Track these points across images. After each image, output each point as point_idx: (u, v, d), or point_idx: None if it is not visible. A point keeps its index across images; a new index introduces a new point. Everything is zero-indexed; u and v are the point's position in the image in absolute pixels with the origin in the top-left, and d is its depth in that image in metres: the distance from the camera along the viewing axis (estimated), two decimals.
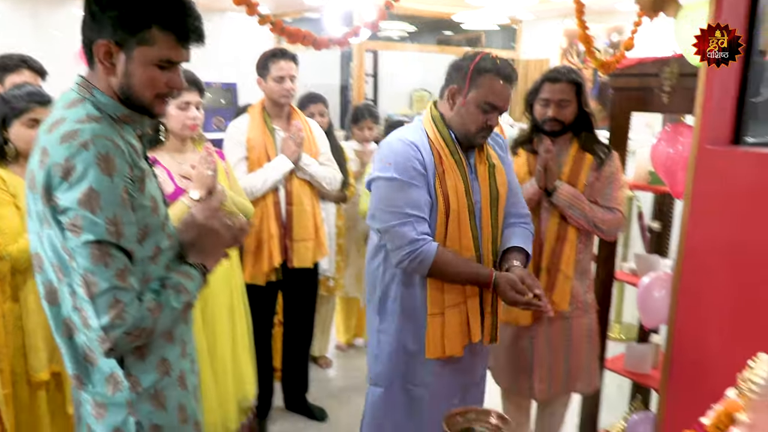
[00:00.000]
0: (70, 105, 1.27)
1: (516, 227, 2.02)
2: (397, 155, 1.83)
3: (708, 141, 1.84)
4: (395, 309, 1.94)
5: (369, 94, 6.94)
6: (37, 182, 1.21)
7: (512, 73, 1.85)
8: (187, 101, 2.27)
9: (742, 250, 1.77)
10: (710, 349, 1.83)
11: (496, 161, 1.98)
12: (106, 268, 1.19)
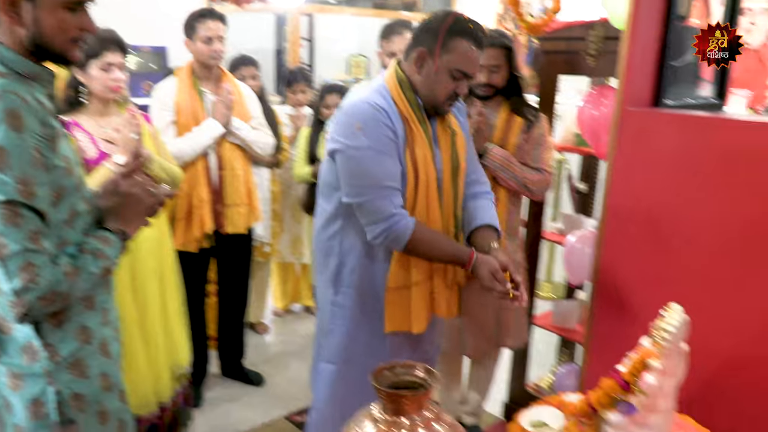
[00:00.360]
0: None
1: (480, 199, 1.96)
2: (366, 120, 1.71)
3: (630, 103, 1.90)
4: (353, 281, 1.86)
5: (305, 59, 6.81)
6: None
7: (484, 38, 1.76)
8: (109, 62, 2.18)
9: (661, 208, 1.85)
10: (629, 303, 1.92)
11: (457, 129, 1.90)
12: (17, 229, 1.14)
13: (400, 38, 2.67)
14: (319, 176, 1.91)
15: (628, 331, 1.91)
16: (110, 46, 2.17)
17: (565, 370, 2.68)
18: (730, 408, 1.73)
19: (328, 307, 1.92)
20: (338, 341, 1.91)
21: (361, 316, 1.88)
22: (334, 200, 1.84)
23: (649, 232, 1.87)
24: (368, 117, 1.71)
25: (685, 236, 1.79)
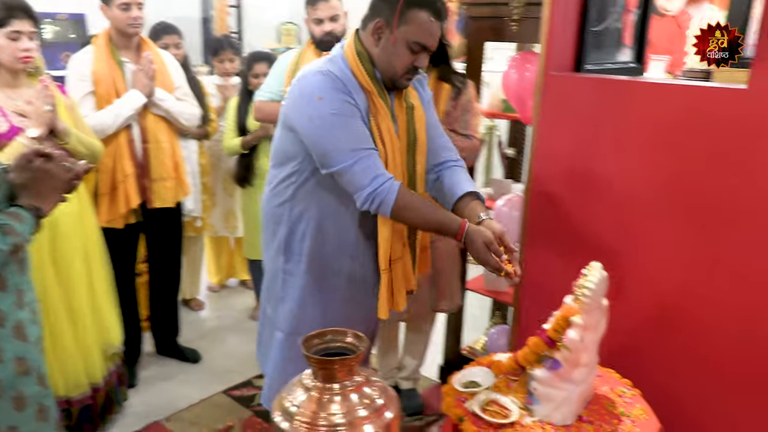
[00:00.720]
0: None
1: (453, 169, 1.91)
2: (324, 90, 1.66)
3: (552, 68, 1.94)
4: (303, 249, 1.84)
5: (233, 27, 6.61)
6: None
7: (443, 8, 1.71)
8: (17, 30, 2.05)
9: (583, 170, 1.91)
10: (555, 264, 1.98)
11: (415, 101, 1.86)
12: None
13: (326, 4, 2.62)
14: (272, 144, 1.87)
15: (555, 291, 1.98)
16: (17, 14, 2.05)
17: (496, 332, 2.75)
18: (650, 359, 1.83)
19: (279, 275, 1.89)
20: (290, 309, 1.89)
21: (313, 285, 1.86)
22: (287, 168, 1.81)
23: (572, 193, 1.93)
24: (326, 86, 1.67)
25: (606, 196, 1.86)
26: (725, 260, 1.64)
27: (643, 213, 1.78)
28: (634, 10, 2.46)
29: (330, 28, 2.63)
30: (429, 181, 1.95)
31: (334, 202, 1.80)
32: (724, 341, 1.67)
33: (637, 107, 1.76)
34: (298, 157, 1.78)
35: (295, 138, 1.76)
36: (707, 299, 1.69)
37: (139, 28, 2.64)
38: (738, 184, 1.59)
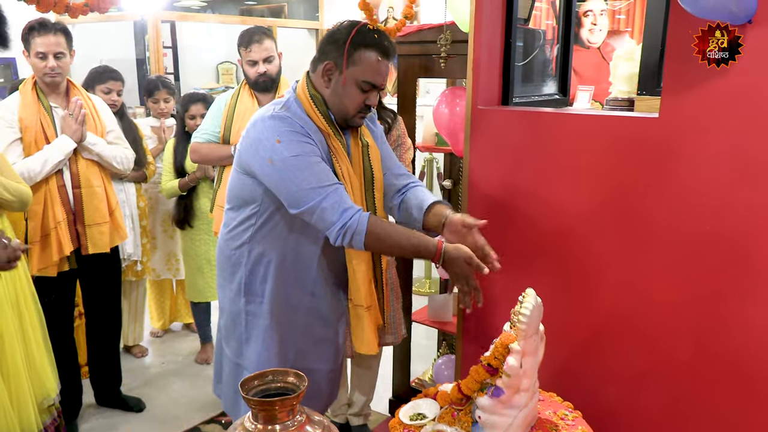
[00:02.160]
0: None
1: (414, 189, 1.96)
2: (282, 133, 1.67)
3: (480, 102, 2.01)
4: (265, 290, 1.84)
5: (170, 68, 6.57)
6: None
7: (390, 47, 1.75)
8: None
9: (515, 199, 1.97)
10: (495, 292, 2.02)
11: (369, 139, 1.89)
12: None
13: (260, 46, 2.65)
14: (228, 187, 1.87)
15: (495, 319, 2.02)
16: None
17: (443, 362, 2.77)
18: (589, 380, 1.88)
19: (242, 315, 1.89)
20: (256, 349, 1.88)
21: (277, 324, 1.86)
22: (245, 212, 1.82)
23: (506, 222, 1.99)
24: (281, 129, 1.68)
25: (539, 224, 1.92)
26: (653, 276, 1.72)
27: (575, 236, 1.85)
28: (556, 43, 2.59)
29: (264, 70, 2.66)
30: (395, 208, 1.98)
31: (293, 242, 1.82)
32: (660, 355, 1.73)
33: (561, 137, 1.84)
34: (257, 200, 1.79)
35: (254, 182, 1.76)
36: (640, 315, 1.76)
37: (57, 78, 2.59)
38: (656, 204, 1.67)
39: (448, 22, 2.22)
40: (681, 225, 1.64)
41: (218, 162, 2.79)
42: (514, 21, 2.05)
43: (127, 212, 3.10)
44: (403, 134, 2.38)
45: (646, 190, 1.69)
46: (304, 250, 1.83)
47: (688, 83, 1.58)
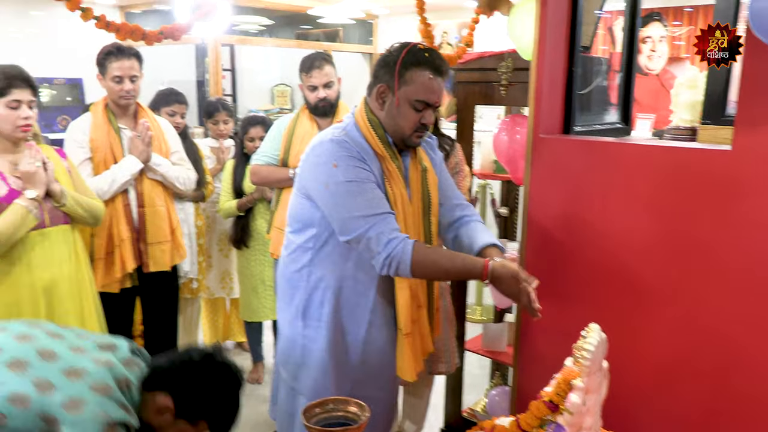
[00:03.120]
0: None
1: (471, 223, 1.95)
2: (339, 157, 1.69)
3: (541, 131, 1.99)
4: (322, 315, 1.84)
5: (227, 90, 6.75)
6: None
7: (443, 64, 1.75)
8: (17, 99, 2.10)
9: (577, 229, 1.93)
10: (554, 323, 1.98)
11: (427, 164, 1.90)
12: None
13: (320, 72, 2.70)
14: (289, 210, 1.90)
15: (555, 351, 1.97)
16: (17, 83, 2.10)
17: (497, 393, 2.72)
18: (653, 419, 1.81)
19: (298, 340, 1.90)
20: (312, 375, 1.88)
21: (333, 351, 1.86)
22: (305, 235, 1.84)
23: (566, 253, 1.95)
24: (339, 153, 1.70)
25: (600, 255, 1.87)
26: (718, 313, 1.65)
27: (637, 270, 1.80)
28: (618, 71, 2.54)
29: (324, 95, 2.70)
30: (448, 240, 1.98)
31: (351, 269, 1.82)
32: (728, 395, 1.66)
33: (624, 168, 1.80)
34: (315, 224, 1.80)
35: (312, 205, 1.79)
36: (705, 354, 1.69)
37: (131, 100, 2.70)
38: (724, 240, 1.61)
39: (509, 49, 2.21)
40: (750, 263, 1.58)
41: (276, 184, 2.84)
42: (576, 49, 2.03)
43: (186, 231, 3.17)
44: (461, 161, 2.37)
45: (713, 224, 1.63)
46: (362, 277, 1.83)
47: (764, 115, 1.52)
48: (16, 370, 1.21)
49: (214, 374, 1.39)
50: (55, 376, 1.24)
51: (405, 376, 1.90)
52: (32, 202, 2.09)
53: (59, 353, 1.29)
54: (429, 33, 2.29)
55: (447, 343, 2.43)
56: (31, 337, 1.30)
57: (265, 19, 7.04)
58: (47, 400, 1.22)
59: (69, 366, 1.26)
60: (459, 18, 5.95)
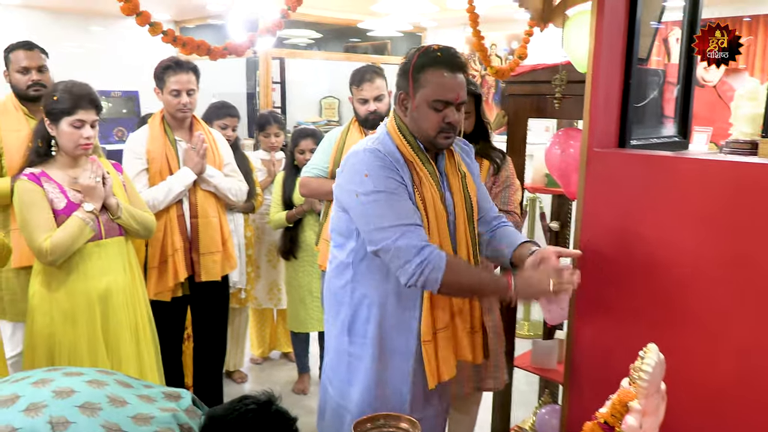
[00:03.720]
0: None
1: (504, 228, 1.96)
2: (371, 167, 1.70)
3: (596, 144, 1.95)
4: (368, 331, 1.83)
5: (277, 102, 6.86)
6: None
7: (457, 59, 1.72)
8: (81, 119, 2.17)
9: (632, 246, 1.88)
10: (607, 342, 1.93)
11: (466, 171, 1.91)
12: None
13: (371, 85, 2.71)
14: (330, 224, 1.91)
15: (608, 371, 1.92)
16: (83, 104, 2.17)
17: (547, 412, 2.67)
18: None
19: (344, 357, 1.89)
20: (358, 391, 1.86)
21: (380, 367, 1.84)
22: (346, 250, 1.83)
23: (621, 270, 1.90)
24: (372, 163, 1.70)
25: (658, 272, 1.82)
26: None
27: (697, 289, 1.74)
28: (675, 82, 2.48)
29: (374, 108, 2.72)
30: (482, 243, 1.96)
31: (393, 284, 1.79)
32: None
33: (684, 183, 1.75)
34: (353, 236, 1.80)
35: (348, 218, 1.79)
36: None
37: (188, 113, 2.77)
38: None
39: (563, 62, 2.18)
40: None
41: (326, 197, 2.86)
42: (634, 61, 1.99)
43: (235, 241, 3.22)
44: (512, 175, 2.34)
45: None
46: (405, 292, 1.80)
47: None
48: (88, 414, 1.24)
49: (269, 424, 1.39)
50: (124, 421, 1.27)
51: (429, 384, 1.85)
52: (89, 215, 2.16)
53: (128, 400, 1.31)
54: (482, 46, 2.28)
55: (496, 358, 2.40)
56: (103, 384, 1.34)
57: (315, 33, 7.14)
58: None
59: (137, 412, 1.28)
60: (508, 30, 5.92)
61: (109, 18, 6.37)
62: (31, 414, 1.20)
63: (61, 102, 2.14)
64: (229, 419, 1.37)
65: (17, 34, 5.10)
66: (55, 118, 2.15)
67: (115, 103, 6.19)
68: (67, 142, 2.17)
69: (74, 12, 6.17)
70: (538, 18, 2.15)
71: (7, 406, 1.22)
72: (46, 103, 2.17)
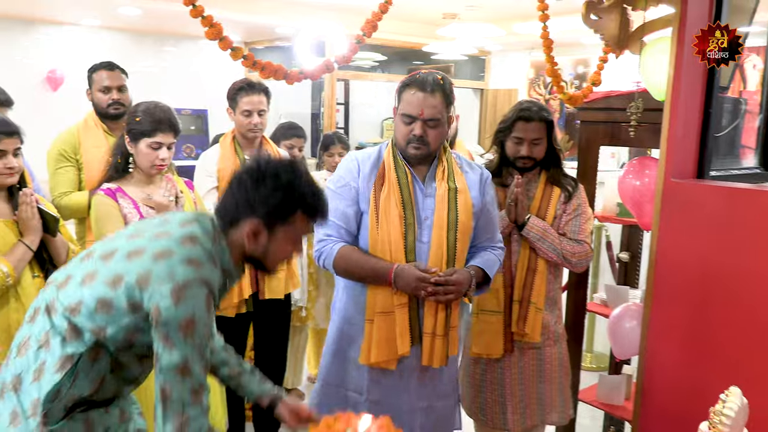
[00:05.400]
0: None
1: (484, 251, 2.04)
2: (340, 168, 2.00)
3: (674, 174, 1.88)
4: (338, 309, 2.04)
5: (340, 123, 6.96)
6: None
7: (432, 83, 1.89)
8: (159, 142, 2.23)
9: (710, 280, 1.80)
10: (682, 380, 1.85)
11: (461, 185, 1.97)
12: (183, 384, 1.29)
13: None
14: None
15: (683, 412, 1.84)
16: (163, 128, 2.23)
17: None
18: None
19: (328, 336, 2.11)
20: (324, 364, 2.08)
21: (340, 345, 2.02)
22: None
23: (701, 306, 1.82)
24: (342, 164, 2.00)
25: (737, 311, 1.73)
26: None
27: None
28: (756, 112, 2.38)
29: None
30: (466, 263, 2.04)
31: None
32: None
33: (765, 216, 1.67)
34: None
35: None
36: None
37: (259, 133, 2.82)
38: None
39: (639, 89, 2.13)
40: None
41: None
42: (715, 89, 1.92)
43: (298, 259, 3.25)
44: (584, 203, 2.27)
45: None
46: None
47: None
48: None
49: (269, 170, 1.41)
50: (146, 244, 1.36)
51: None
52: None
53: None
54: (555, 72, 2.25)
55: (562, 391, 2.32)
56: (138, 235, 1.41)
57: (380, 55, 7.24)
58: (137, 261, 1.32)
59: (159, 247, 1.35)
60: (574, 54, 5.84)
61: (182, 39, 6.63)
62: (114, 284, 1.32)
63: (143, 124, 2.21)
64: (237, 196, 1.43)
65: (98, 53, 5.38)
66: (134, 137, 2.23)
67: (185, 121, 6.41)
68: (143, 161, 2.25)
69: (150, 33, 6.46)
70: (613, 44, 2.11)
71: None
72: (129, 122, 2.25)
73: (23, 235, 2.01)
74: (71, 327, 1.32)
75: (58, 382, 1.30)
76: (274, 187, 1.39)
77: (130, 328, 1.32)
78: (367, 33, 1.93)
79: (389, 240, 1.89)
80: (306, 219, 1.43)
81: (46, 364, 1.32)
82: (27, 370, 1.34)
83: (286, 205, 1.40)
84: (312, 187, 1.44)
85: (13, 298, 1.97)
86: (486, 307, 2.25)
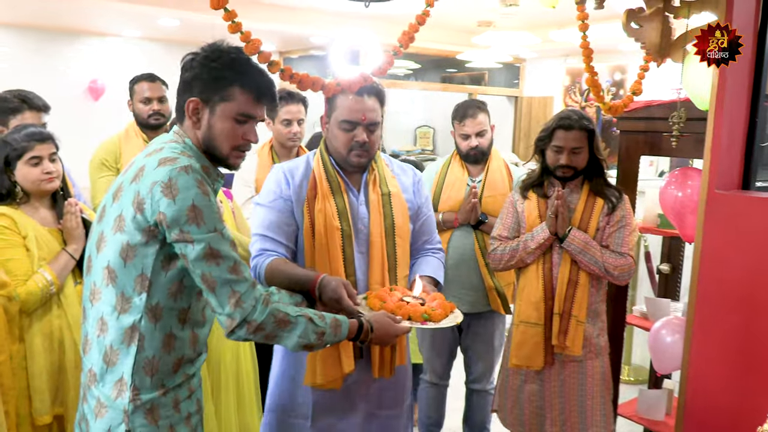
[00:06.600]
0: None
1: (426, 255, 1.99)
2: (267, 182, 1.91)
3: (717, 186, 1.84)
4: None
5: None
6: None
7: (372, 86, 1.83)
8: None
9: (755, 294, 1.76)
10: (727, 397, 1.80)
11: (394, 189, 1.92)
12: (218, 266, 1.33)
13: (473, 121, 2.68)
14: None
15: (726, 429, 1.79)
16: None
17: None
18: None
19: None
20: (269, 391, 1.95)
21: (285, 367, 1.91)
22: None
23: (746, 321, 1.77)
24: (270, 178, 1.90)
25: None
26: None
27: None
28: None
29: (476, 143, 2.68)
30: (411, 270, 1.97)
31: None
32: None
33: None
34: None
35: None
36: None
37: (298, 142, 2.85)
38: None
39: (681, 98, 2.09)
40: None
41: None
42: (761, 98, 1.87)
43: None
44: (629, 214, 2.21)
45: None
46: None
47: None
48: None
49: (212, 52, 1.41)
50: (123, 180, 1.42)
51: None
52: None
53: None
54: (595, 81, 2.21)
55: (603, 406, 2.27)
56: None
57: (414, 63, 7.24)
58: (123, 195, 1.38)
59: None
60: (610, 61, 5.76)
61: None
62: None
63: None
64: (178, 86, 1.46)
65: (138, 64, 5.50)
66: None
67: None
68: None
69: (188, 44, 6.56)
70: (655, 52, 2.07)
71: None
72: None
73: (67, 244, 2.05)
74: (119, 298, 1.37)
75: (134, 353, 1.37)
76: (210, 66, 1.39)
77: (161, 259, 1.36)
78: (404, 44, 1.91)
79: (327, 252, 1.81)
80: (246, 94, 1.40)
81: (113, 347, 1.38)
82: (96, 363, 1.41)
83: (219, 79, 1.39)
84: (255, 66, 1.44)
85: (56, 305, 2.02)
86: (526, 318, 2.23)
